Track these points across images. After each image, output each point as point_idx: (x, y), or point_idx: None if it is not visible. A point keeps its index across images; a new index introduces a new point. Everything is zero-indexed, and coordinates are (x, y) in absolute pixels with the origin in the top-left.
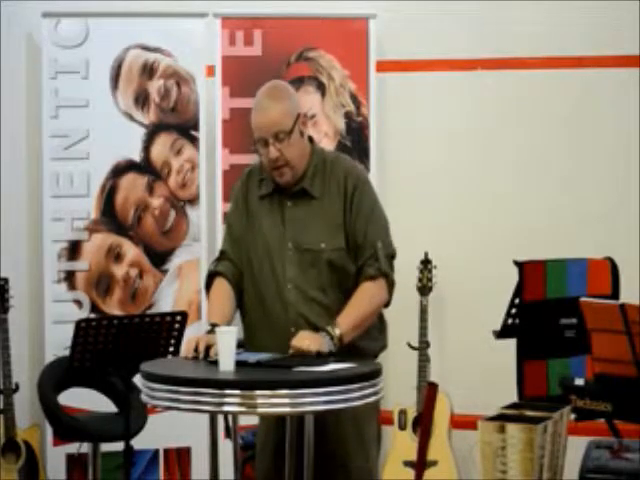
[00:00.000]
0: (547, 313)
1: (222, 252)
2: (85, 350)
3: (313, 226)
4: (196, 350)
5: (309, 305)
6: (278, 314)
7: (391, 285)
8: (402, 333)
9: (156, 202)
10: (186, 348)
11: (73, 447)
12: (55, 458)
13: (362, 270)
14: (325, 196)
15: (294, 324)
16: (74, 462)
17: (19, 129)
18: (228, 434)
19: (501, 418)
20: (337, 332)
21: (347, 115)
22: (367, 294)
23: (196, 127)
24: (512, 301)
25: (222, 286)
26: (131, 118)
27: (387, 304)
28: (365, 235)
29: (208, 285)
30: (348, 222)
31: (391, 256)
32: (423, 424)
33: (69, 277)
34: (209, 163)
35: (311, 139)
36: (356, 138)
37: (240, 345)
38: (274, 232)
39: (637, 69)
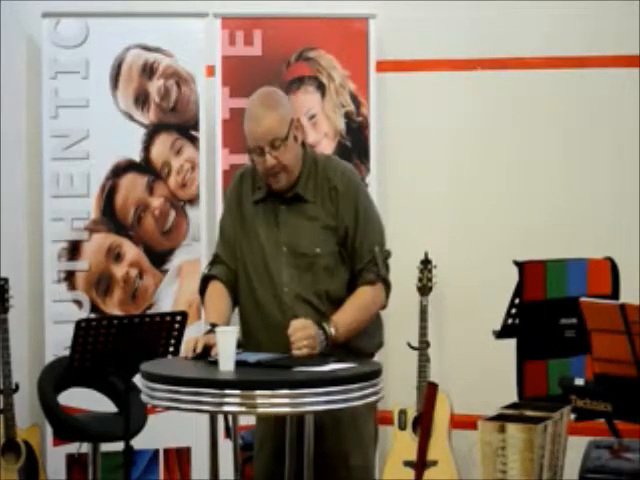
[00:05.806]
0: (547, 313)
1: (216, 255)
2: (85, 350)
3: (307, 230)
4: (196, 350)
5: (305, 308)
6: (275, 317)
7: (388, 289)
8: (402, 333)
9: (156, 202)
10: (186, 348)
11: (73, 447)
12: (55, 458)
13: (361, 274)
14: (318, 200)
15: None
16: (74, 462)
17: (19, 129)
18: (228, 434)
19: (501, 418)
20: (332, 331)
21: (347, 115)
22: (366, 298)
23: (196, 127)
24: (512, 301)
25: (217, 288)
26: (131, 118)
27: (383, 307)
28: (362, 240)
29: (203, 289)
30: (342, 225)
31: (387, 257)
32: (423, 424)
33: (69, 277)
34: (209, 163)
35: (302, 143)
36: (356, 138)
37: (240, 345)
38: (269, 236)
39: (637, 69)
